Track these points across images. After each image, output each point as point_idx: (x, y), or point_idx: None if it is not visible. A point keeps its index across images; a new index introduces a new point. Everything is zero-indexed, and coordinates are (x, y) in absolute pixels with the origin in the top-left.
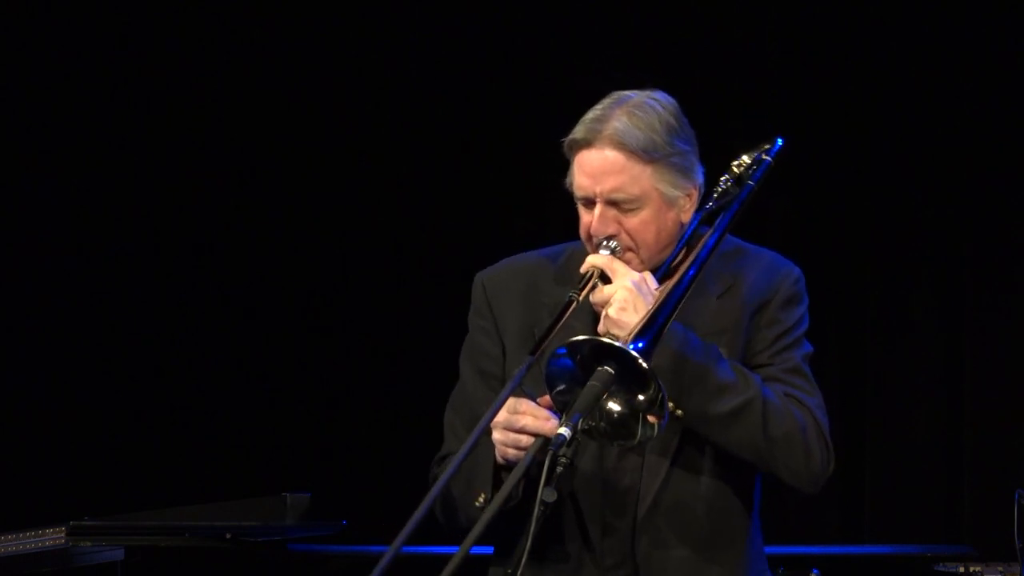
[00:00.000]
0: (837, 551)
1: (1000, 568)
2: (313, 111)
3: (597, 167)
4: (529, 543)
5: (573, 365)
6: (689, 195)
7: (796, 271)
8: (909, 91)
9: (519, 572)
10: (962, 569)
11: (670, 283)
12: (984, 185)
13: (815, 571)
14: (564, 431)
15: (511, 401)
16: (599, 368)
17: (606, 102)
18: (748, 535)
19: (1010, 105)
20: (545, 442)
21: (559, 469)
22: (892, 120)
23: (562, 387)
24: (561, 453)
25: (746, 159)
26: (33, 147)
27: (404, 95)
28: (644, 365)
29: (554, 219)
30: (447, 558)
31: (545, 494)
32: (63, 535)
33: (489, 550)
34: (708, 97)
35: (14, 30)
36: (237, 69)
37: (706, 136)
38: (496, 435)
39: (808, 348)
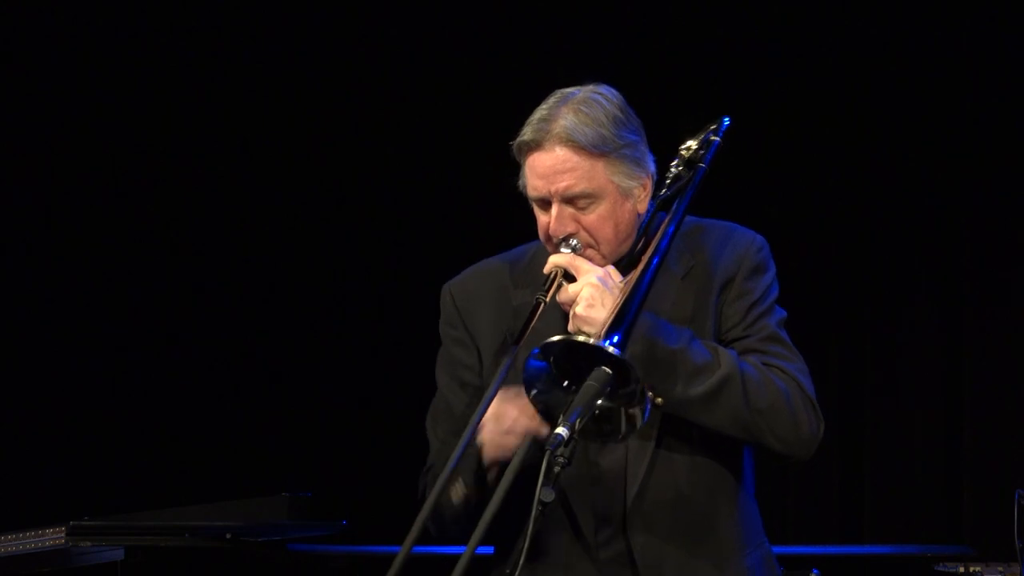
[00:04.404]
0: (837, 551)
1: (1000, 568)
2: (308, 113)
3: (549, 167)
4: (527, 543)
5: (548, 367)
6: (643, 185)
7: (759, 239)
8: (909, 95)
9: (518, 572)
10: (962, 569)
11: (634, 274)
12: (984, 184)
13: (815, 571)
14: (562, 431)
15: (496, 402)
16: (597, 368)
17: (551, 101)
18: (741, 505)
19: (1009, 110)
20: (534, 442)
21: (557, 469)
22: (892, 120)
23: (539, 389)
24: (559, 453)
25: (693, 143)
26: (33, 147)
27: (399, 99)
28: (622, 359)
29: None
30: (446, 558)
31: (543, 494)
32: (63, 535)
33: (489, 550)
34: (705, 98)
35: (14, 30)
36: (219, 73)
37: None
38: (484, 435)
39: (782, 313)
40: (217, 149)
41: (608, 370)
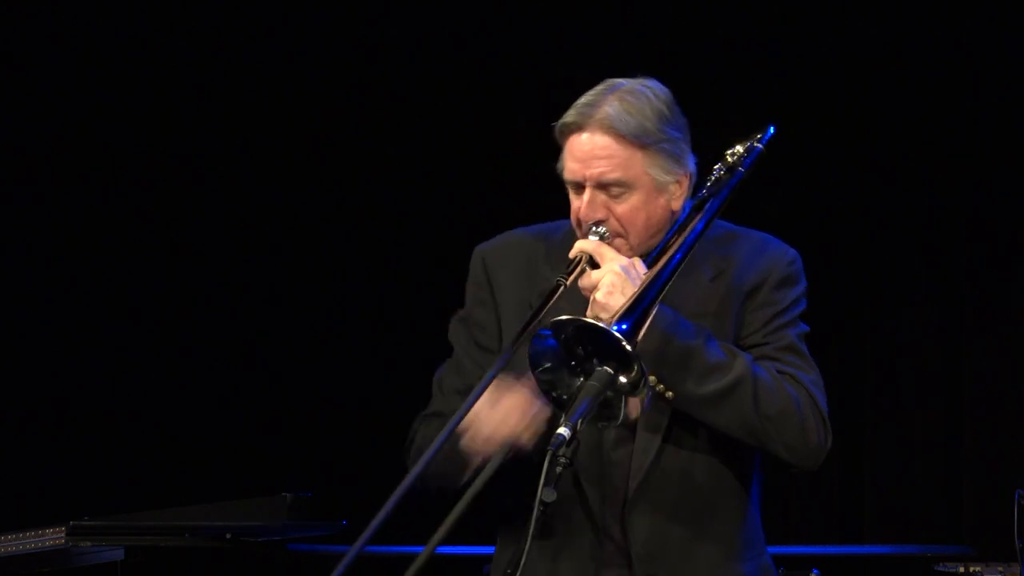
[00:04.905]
0: (837, 551)
1: (1000, 568)
2: (308, 113)
3: (587, 151)
4: (528, 543)
5: (558, 345)
6: (679, 182)
7: (791, 252)
8: (909, 95)
9: (519, 572)
10: (962, 569)
11: (657, 267)
12: (984, 184)
13: (815, 571)
14: (564, 431)
15: (490, 397)
16: (599, 368)
17: (599, 88)
18: (744, 512)
19: (1009, 110)
20: (508, 450)
21: (558, 469)
22: (892, 120)
23: (546, 367)
24: (560, 453)
25: (740, 148)
26: (33, 147)
27: (398, 99)
28: (626, 346)
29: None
30: (446, 557)
31: (545, 494)
32: (63, 535)
33: (490, 550)
34: (705, 98)
35: (14, 30)
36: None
37: (703, 135)
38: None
39: (803, 327)
40: (217, 149)
41: (609, 371)
